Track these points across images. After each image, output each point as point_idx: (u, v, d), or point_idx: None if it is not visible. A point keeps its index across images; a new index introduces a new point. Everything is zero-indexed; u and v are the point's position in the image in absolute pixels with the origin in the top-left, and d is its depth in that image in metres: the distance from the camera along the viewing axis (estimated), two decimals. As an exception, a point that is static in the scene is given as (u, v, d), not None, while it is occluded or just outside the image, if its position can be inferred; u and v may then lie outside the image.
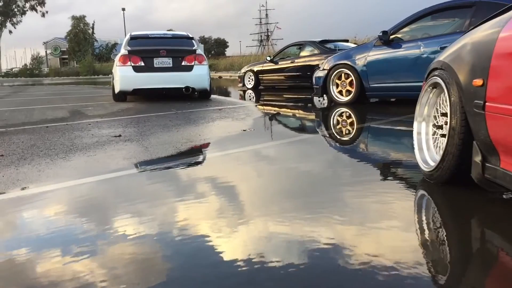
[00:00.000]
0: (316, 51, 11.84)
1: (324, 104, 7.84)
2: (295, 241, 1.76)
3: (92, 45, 60.29)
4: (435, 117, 2.52)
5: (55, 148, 3.90)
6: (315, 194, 2.44)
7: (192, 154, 3.62)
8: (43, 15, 59.91)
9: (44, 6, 59.24)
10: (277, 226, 1.93)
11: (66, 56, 65.18)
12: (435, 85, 2.47)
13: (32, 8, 58.72)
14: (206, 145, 4.00)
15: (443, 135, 2.35)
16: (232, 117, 5.97)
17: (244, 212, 2.16)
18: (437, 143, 2.45)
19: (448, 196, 2.28)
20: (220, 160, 3.44)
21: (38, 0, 58.67)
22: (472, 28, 2.25)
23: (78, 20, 61.26)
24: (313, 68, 11.55)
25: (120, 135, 4.53)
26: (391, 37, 6.42)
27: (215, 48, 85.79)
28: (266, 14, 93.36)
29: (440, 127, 2.43)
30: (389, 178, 2.76)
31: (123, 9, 51.66)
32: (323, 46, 11.83)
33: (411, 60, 6.09)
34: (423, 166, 2.46)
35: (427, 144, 2.55)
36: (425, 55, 5.93)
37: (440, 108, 2.45)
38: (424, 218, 2.04)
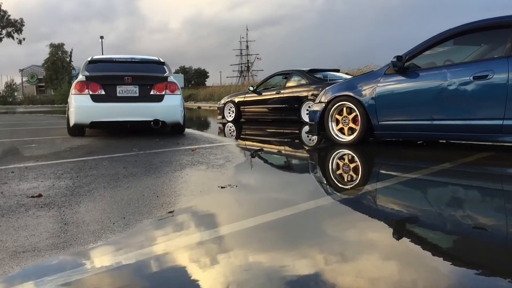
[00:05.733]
0: (304, 81, 10.65)
1: (313, 141, 6.60)
2: None
3: (69, 73, 58.83)
4: None
5: None
6: None
7: (133, 245, 2.20)
8: (20, 42, 58.05)
9: (21, 33, 57.49)
10: None
11: (43, 84, 63.81)
12: None
13: (9, 35, 56.96)
14: (160, 223, 2.55)
15: None
16: (207, 162, 4.58)
17: None
18: None
19: None
20: (175, 264, 2.03)
21: (15, 27, 57.02)
22: None
23: (56, 48, 60.12)
24: (301, 99, 10.37)
25: (40, 195, 3.09)
26: (406, 64, 5.19)
27: (195, 78, 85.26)
28: (247, 46, 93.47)
29: None
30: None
31: (102, 37, 50.33)
32: (312, 76, 10.64)
33: (435, 92, 4.83)
34: None
35: None
36: (452, 87, 4.70)
37: None
38: None
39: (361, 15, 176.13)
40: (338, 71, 11.73)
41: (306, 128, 8.58)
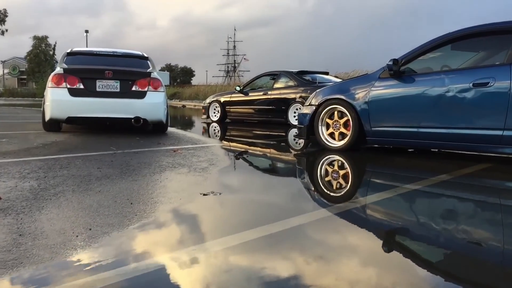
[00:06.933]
0: (292, 83, 10.40)
1: (299, 144, 6.43)
2: None
3: (52, 66, 57.68)
4: None
5: None
6: None
7: (93, 266, 1.88)
8: (2, 33, 56.67)
9: (4, 24, 56.10)
10: None
11: (25, 77, 62.51)
12: None
13: (-9, 26, 55.59)
14: (130, 238, 2.23)
15: None
16: (189, 165, 4.26)
17: None
18: None
19: None
20: None
21: (-3, 18, 55.65)
22: None
23: (40, 41, 58.96)
24: (289, 102, 10.12)
25: (-2, 198, 2.75)
26: (402, 68, 4.95)
27: (181, 77, 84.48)
28: (234, 46, 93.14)
29: None
30: None
31: (86, 31, 49.46)
32: (301, 78, 10.40)
33: (432, 99, 4.59)
34: None
35: None
36: (450, 93, 4.46)
37: None
38: None
39: (349, 20, 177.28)
40: (327, 73, 11.49)
41: (294, 131, 8.32)
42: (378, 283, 1.66)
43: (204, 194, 3.00)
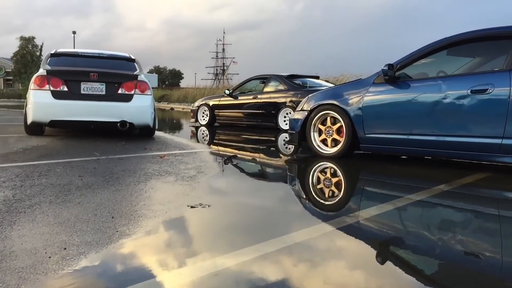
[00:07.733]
0: (282, 87, 10.25)
1: (290, 149, 6.32)
2: None
3: (38, 67, 56.86)
4: None
5: None
6: None
7: None
8: (-13, 33, 55.82)
9: (-11, 24, 55.28)
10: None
11: (11, 78, 61.68)
12: None
13: (-25, 25, 54.81)
14: (107, 260, 2.01)
15: None
16: (176, 173, 4.05)
17: None
18: None
19: None
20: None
21: (-17, 17, 54.83)
22: None
23: (27, 41, 58.20)
24: (279, 106, 9.97)
25: (-34, 211, 2.52)
26: (397, 73, 4.80)
27: (170, 79, 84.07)
28: (223, 49, 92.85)
29: None
30: None
31: (74, 32, 49.00)
32: (291, 82, 10.25)
33: (428, 105, 4.45)
34: None
35: None
36: (447, 100, 4.32)
37: None
38: None
39: (338, 24, 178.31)
40: (317, 78, 11.36)
41: (284, 135, 8.16)
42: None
43: (191, 207, 2.80)
